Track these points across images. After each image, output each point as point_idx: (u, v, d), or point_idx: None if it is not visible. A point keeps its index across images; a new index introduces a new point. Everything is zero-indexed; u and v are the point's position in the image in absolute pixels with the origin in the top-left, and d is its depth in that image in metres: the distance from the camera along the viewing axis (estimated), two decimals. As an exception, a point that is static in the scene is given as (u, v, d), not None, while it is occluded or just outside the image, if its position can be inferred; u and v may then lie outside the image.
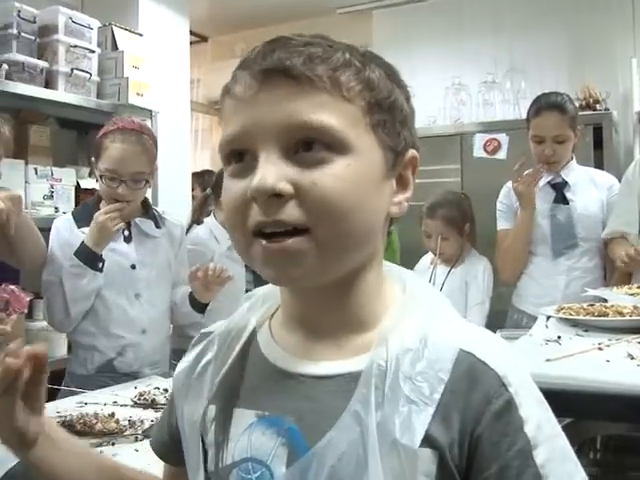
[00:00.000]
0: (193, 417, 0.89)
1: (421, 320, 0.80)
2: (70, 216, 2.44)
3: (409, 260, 3.38)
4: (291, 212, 0.74)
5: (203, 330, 0.97)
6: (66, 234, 2.37)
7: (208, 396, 0.88)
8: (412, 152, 0.84)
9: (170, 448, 0.97)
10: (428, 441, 0.73)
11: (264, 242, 0.76)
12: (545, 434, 0.75)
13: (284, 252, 0.75)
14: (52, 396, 2.27)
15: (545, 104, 2.94)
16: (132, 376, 2.34)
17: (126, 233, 2.41)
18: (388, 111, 0.80)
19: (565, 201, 2.99)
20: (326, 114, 0.75)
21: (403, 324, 0.80)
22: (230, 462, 0.82)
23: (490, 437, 0.74)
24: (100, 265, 2.30)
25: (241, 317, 0.93)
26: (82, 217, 2.39)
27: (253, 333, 0.90)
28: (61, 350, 3.08)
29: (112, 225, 2.25)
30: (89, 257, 2.27)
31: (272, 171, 0.74)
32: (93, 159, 2.37)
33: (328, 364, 0.81)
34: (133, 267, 2.40)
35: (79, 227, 2.38)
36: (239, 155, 0.79)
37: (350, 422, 0.75)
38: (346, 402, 0.76)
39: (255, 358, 0.87)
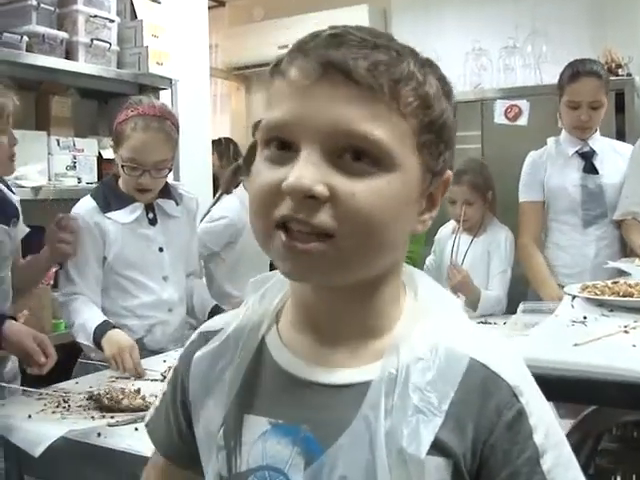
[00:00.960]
0: (210, 426, 0.86)
1: (432, 327, 0.80)
2: (92, 201, 2.38)
3: (432, 228, 3.37)
4: (323, 218, 0.72)
5: (202, 330, 0.93)
6: (92, 223, 2.33)
7: (226, 406, 0.85)
8: (448, 173, 0.82)
9: (181, 450, 0.93)
10: (442, 450, 0.74)
11: (286, 238, 0.74)
12: (551, 442, 0.77)
13: (306, 253, 0.73)
14: (69, 368, 2.33)
15: (582, 70, 2.91)
16: (159, 353, 2.36)
17: (150, 216, 2.40)
18: (437, 131, 0.78)
19: (595, 170, 2.98)
20: (380, 127, 0.73)
21: (414, 331, 0.80)
22: (245, 469, 0.81)
23: (502, 445, 0.75)
24: None
25: (255, 309, 0.89)
26: (105, 201, 2.36)
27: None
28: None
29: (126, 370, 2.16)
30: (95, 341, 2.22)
31: (311, 171, 0.72)
32: (113, 144, 2.35)
33: (343, 372, 0.80)
34: (161, 250, 2.41)
35: (104, 212, 2.34)
36: (280, 142, 0.76)
37: (360, 428, 0.75)
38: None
39: (264, 362, 0.85)
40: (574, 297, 1.72)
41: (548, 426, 0.78)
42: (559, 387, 1.21)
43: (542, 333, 1.46)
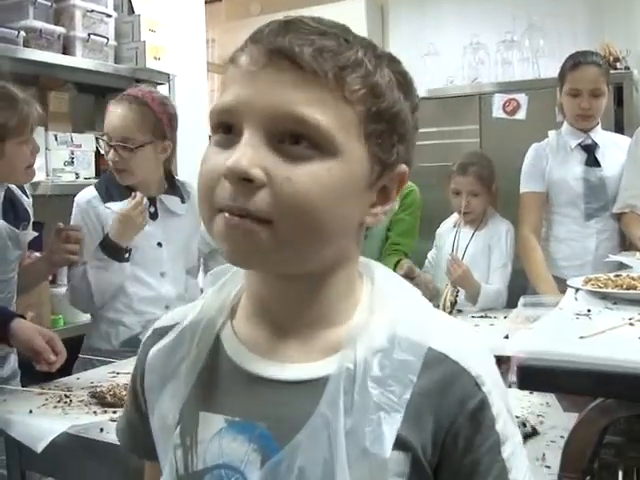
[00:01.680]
0: (166, 420, 0.85)
1: (390, 317, 0.79)
2: (94, 191, 2.39)
3: (432, 222, 3.38)
4: (258, 203, 0.72)
5: (156, 326, 0.93)
6: (92, 213, 2.34)
7: (182, 398, 0.84)
8: (403, 167, 0.81)
9: (151, 446, 0.90)
10: (400, 444, 0.74)
11: (226, 215, 0.73)
12: (509, 431, 0.79)
13: (243, 230, 0.73)
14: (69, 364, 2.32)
15: (583, 59, 2.96)
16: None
17: (151, 210, 2.39)
18: (388, 122, 0.77)
19: (597, 163, 2.98)
20: (322, 111, 0.73)
21: (371, 323, 0.79)
22: (202, 467, 0.80)
23: (464, 434, 0.76)
24: (126, 256, 2.28)
25: (212, 302, 0.88)
26: (106, 191, 2.37)
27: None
28: (86, 315, 3.11)
29: (141, 220, 2.23)
30: (114, 250, 2.25)
31: (249, 154, 0.72)
32: None
33: (298, 368, 0.79)
34: (159, 245, 2.40)
35: (105, 202, 2.35)
36: (227, 127, 0.76)
37: (318, 425, 0.75)
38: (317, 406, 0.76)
39: (219, 358, 0.84)
40: (577, 290, 1.72)
41: (506, 416, 0.79)
42: (565, 379, 1.20)
43: (547, 326, 1.46)
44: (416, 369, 0.76)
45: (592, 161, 2.99)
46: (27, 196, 2.29)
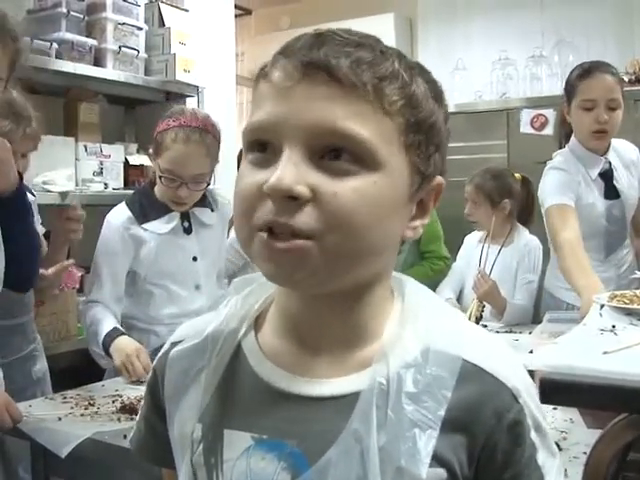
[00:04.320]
0: (184, 429, 0.83)
1: (422, 330, 0.78)
2: (127, 211, 2.34)
3: (462, 236, 3.38)
4: (305, 219, 0.70)
5: (173, 339, 0.90)
6: (127, 235, 2.31)
7: (201, 408, 0.82)
8: (439, 179, 0.80)
9: (168, 453, 0.88)
10: (437, 459, 0.73)
11: (267, 237, 0.71)
12: (542, 435, 0.78)
13: (289, 252, 0.71)
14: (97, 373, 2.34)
15: (594, 66, 2.61)
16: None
17: (186, 224, 2.38)
18: (425, 132, 0.76)
19: (616, 194, 2.73)
20: (363, 124, 0.71)
21: (403, 337, 0.77)
22: None
23: (503, 447, 0.75)
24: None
25: (236, 311, 0.86)
26: (142, 210, 2.33)
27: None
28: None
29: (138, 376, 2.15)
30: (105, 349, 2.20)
31: (292, 171, 0.70)
32: (151, 151, 2.30)
33: (329, 383, 0.77)
34: (195, 259, 2.40)
35: (140, 223, 2.32)
36: (263, 145, 0.74)
37: (350, 441, 0.73)
38: None
39: (241, 371, 0.82)
40: (602, 306, 1.71)
41: (539, 420, 0.78)
42: (588, 394, 1.20)
43: (570, 341, 1.45)
44: (450, 385, 0.74)
45: (611, 192, 2.72)
46: (33, 194, 2.28)
